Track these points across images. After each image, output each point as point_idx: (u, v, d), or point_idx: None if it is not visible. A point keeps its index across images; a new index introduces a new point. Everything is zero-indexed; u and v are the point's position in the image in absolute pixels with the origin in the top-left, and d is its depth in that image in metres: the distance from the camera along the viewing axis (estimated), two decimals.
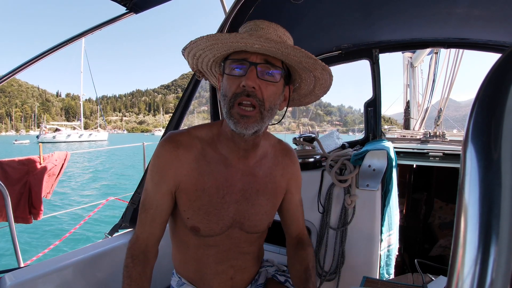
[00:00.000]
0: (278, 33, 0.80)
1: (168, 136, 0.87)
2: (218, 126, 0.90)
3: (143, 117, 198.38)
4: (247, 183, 0.89)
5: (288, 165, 0.99)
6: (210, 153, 0.86)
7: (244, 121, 0.75)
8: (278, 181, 0.95)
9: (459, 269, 0.23)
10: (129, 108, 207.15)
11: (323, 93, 0.92)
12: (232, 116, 0.76)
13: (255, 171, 0.90)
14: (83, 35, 1.41)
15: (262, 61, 0.76)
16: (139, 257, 0.84)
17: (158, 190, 0.85)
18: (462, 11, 1.44)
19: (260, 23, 0.80)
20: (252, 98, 0.75)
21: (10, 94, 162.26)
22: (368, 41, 1.94)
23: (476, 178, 0.22)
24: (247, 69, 0.75)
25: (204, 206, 0.85)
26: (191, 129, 0.90)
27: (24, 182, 2.57)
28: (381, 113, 2.03)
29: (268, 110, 0.78)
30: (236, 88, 0.76)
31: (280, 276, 1.09)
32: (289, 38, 0.84)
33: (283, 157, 0.98)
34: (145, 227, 0.86)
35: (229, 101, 0.76)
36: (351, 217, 1.51)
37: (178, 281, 0.99)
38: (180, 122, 1.50)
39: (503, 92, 0.22)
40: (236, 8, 1.32)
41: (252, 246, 0.98)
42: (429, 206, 2.60)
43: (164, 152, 0.85)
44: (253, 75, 0.75)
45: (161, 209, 0.86)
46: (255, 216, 0.91)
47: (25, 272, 1.06)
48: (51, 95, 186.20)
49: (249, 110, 0.75)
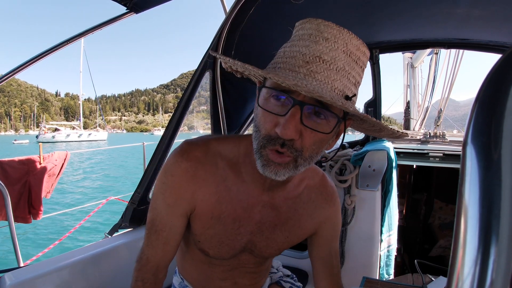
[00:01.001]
0: (350, 47, 0.59)
1: (184, 150, 0.73)
2: (246, 144, 0.73)
3: (142, 117, 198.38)
4: (266, 216, 0.78)
5: (323, 207, 0.83)
6: (232, 178, 0.74)
7: (275, 167, 0.60)
8: (304, 220, 0.81)
9: (459, 269, 0.23)
10: (128, 108, 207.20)
11: (388, 137, 0.75)
12: (261, 156, 0.61)
13: (278, 205, 0.78)
14: (83, 35, 1.41)
15: (312, 101, 0.55)
16: (150, 280, 0.77)
17: (172, 212, 0.74)
18: (462, 11, 1.44)
19: (324, 29, 0.58)
20: (287, 149, 0.58)
21: (9, 94, 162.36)
22: (369, 41, 1.94)
23: (476, 178, 0.22)
24: (289, 108, 0.55)
25: (217, 236, 0.77)
26: (212, 142, 0.76)
27: (24, 182, 2.57)
28: (381, 113, 2.03)
29: (307, 159, 0.61)
30: (271, 127, 0.58)
31: (285, 283, 1.04)
32: (364, 54, 0.63)
33: (318, 196, 0.82)
34: (157, 250, 0.76)
35: (261, 139, 0.60)
36: (351, 218, 1.51)
37: (180, 282, 0.97)
38: (180, 122, 1.50)
39: (503, 93, 0.22)
40: (236, 8, 1.32)
41: (259, 267, 0.91)
42: (429, 207, 2.60)
43: (180, 172, 0.72)
44: (295, 121, 0.55)
45: (175, 231, 0.76)
46: (266, 249, 0.82)
47: (24, 272, 1.06)
48: (50, 94, 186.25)
49: (281, 157, 0.59)
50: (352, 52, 0.60)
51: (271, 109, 0.58)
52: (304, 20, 0.62)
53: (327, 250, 0.87)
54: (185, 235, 0.86)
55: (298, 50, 0.59)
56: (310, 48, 0.58)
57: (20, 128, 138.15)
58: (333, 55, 0.57)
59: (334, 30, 0.59)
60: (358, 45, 0.60)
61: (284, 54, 0.60)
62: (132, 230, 1.49)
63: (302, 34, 0.61)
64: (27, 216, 2.60)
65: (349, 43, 0.59)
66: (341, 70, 0.58)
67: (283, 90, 0.56)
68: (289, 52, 0.60)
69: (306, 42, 0.59)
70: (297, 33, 0.62)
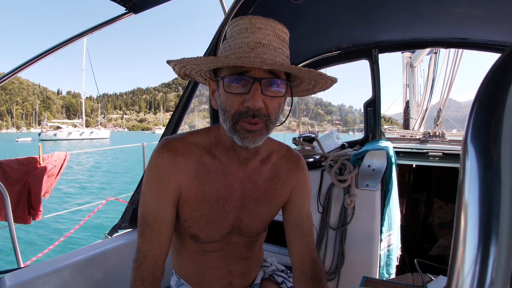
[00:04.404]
0: (277, 31, 0.73)
1: (164, 143, 0.82)
2: (215, 132, 0.85)
3: (144, 115, 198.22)
4: (246, 190, 0.86)
5: (293, 172, 0.92)
6: (209, 161, 0.83)
7: (251, 136, 0.71)
8: (280, 188, 0.90)
9: (458, 268, 0.23)
10: (129, 106, 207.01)
11: (321, 91, 0.88)
12: (237, 132, 0.72)
13: (255, 178, 0.86)
14: (83, 35, 1.42)
15: (266, 74, 0.69)
16: (148, 278, 0.79)
17: (160, 202, 0.79)
18: (461, 10, 1.44)
19: (255, 22, 0.72)
20: (258, 118, 0.70)
21: (11, 92, 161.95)
22: (368, 41, 1.94)
23: (476, 177, 0.22)
24: (251, 86, 0.68)
25: (205, 216, 0.83)
26: (187, 135, 0.85)
27: (24, 183, 2.57)
28: (380, 113, 2.03)
29: (274, 122, 0.74)
30: (238, 106, 0.70)
31: (278, 277, 1.07)
32: (287, 34, 0.78)
33: (287, 164, 0.92)
34: (152, 243, 0.79)
35: (232, 117, 0.71)
36: (351, 217, 1.51)
37: (177, 281, 0.99)
38: (180, 121, 1.50)
39: (503, 92, 0.22)
40: (236, 8, 1.32)
41: (251, 250, 0.96)
42: (428, 206, 2.60)
43: (162, 161, 0.80)
44: (258, 93, 0.68)
45: (166, 221, 0.80)
46: (252, 223, 0.88)
47: (24, 273, 1.06)
48: (52, 92, 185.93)
49: (255, 125, 0.71)
50: (280, 35, 0.74)
51: (235, 91, 0.70)
52: (236, 18, 0.75)
53: (298, 214, 0.93)
54: (177, 228, 0.89)
55: (241, 41, 0.71)
56: (250, 38, 0.71)
57: (22, 126, 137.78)
58: (269, 39, 0.71)
59: (263, 20, 0.72)
60: (281, 28, 0.75)
61: (230, 47, 0.72)
62: (132, 231, 1.49)
63: (239, 29, 0.73)
64: (27, 216, 2.59)
65: (276, 28, 0.73)
66: (277, 49, 0.72)
67: (240, 73, 0.69)
68: (233, 45, 0.72)
69: (246, 34, 0.71)
70: (233, 30, 0.74)
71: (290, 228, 0.93)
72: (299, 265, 0.91)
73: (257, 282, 1.03)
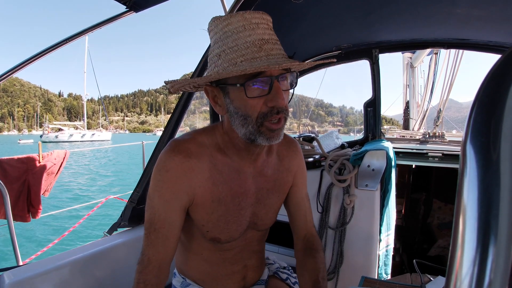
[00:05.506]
0: (269, 23, 0.74)
1: (174, 145, 0.79)
2: (220, 131, 0.83)
3: (145, 117, 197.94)
4: (259, 184, 0.87)
5: (293, 158, 0.95)
6: (221, 160, 0.81)
7: (276, 134, 0.73)
8: (285, 176, 0.93)
9: (457, 269, 0.23)
10: (131, 108, 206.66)
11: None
12: (262, 133, 0.72)
13: (264, 171, 0.88)
14: (83, 33, 1.41)
15: (280, 70, 0.70)
16: (152, 281, 0.77)
17: (169, 207, 0.77)
18: (462, 11, 1.44)
19: (250, 17, 0.70)
20: (282, 113, 0.71)
21: (12, 94, 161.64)
22: (368, 41, 1.94)
23: (475, 178, 0.22)
24: (270, 85, 0.68)
25: (223, 217, 0.82)
26: (195, 135, 0.83)
27: (23, 181, 2.57)
28: (380, 113, 2.03)
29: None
30: (260, 107, 0.70)
31: (282, 274, 1.10)
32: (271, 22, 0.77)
33: (287, 150, 0.94)
34: (158, 248, 0.77)
35: (256, 121, 0.71)
36: (350, 217, 1.51)
37: (182, 281, 0.97)
38: (179, 121, 1.50)
39: (502, 93, 0.22)
40: (236, 8, 1.32)
41: (261, 243, 0.99)
42: (428, 206, 2.60)
43: (174, 165, 0.76)
44: (281, 91, 0.69)
45: (174, 226, 0.78)
46: (266, 215, 0.90)
47: (24, 271, 1.06)
48: (53, 95, 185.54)
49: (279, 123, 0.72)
50: (270, 26, 0.74)
51: (256, 94, 0.69)
52: (225, 17, 0.71)
53: (300, 196, 0.98)
54: (189, 231, 0.88)
55: (245, 41, 0.69)
56: (252, 36, 0.69)
57: (23, 128, 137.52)
58: (268, 33, 0.71)
59: (256, 14, 0.71)
60: (269, 19, 0.74)
61: (232, 49, 0.69)
62: (131, 229, 1.49)
63: (236, 27, 0.70)
64: (26, 214, 2.59)
65: (267, 20, 0.73)
66: (277, 42, 0.73)
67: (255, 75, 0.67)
68: (235, 45, 0.69)
69: (246, 32, 0.69)
70: (226, 29, 0.70)
71: (293, 209, 0.98)
72: (301, 240, 0.98)
73: (263, 278, 1.06)
